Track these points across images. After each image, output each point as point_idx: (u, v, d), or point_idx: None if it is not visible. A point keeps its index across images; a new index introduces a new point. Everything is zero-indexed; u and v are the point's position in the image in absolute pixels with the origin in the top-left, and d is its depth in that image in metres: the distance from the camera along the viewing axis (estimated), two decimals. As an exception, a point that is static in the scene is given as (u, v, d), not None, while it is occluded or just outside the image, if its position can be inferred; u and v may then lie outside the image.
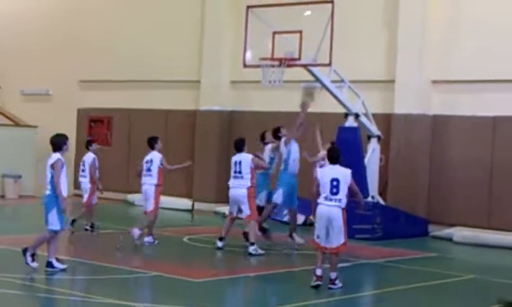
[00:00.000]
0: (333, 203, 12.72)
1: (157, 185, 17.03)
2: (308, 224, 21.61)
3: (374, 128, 20.74)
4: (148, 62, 26.87)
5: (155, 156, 17.31)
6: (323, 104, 22.58)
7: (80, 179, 18.52)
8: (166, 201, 24.72)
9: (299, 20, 19.65)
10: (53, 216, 13.19)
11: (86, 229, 18.17)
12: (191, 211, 24.86)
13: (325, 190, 12.76)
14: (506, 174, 20.69)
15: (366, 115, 20.63)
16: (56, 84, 29.12)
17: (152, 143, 17.60)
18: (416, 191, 21.68)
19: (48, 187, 13.25)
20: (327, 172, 13.01)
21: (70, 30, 28.85)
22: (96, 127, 28.08)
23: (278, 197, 17.26)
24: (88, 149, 18.60)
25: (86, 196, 18.27)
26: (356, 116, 20.12)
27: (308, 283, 13.49)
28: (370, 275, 15.74)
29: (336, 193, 12.74)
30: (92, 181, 18.21)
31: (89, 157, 18.34)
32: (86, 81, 28.52)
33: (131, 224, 20.36)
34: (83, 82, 28.64)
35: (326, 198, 12.76)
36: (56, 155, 13.20)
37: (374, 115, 20.97)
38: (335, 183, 12.77)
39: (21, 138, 27.50)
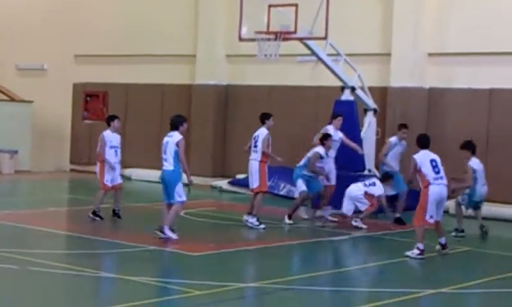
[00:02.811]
0: (441, 181, 13.74)
1: (260, 161, 16.55)
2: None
3: (370, 102, 20.74)
4: (144, 37, 26.79)
5: (262, 132, 16.79)
6: (319, 78, 22.61)
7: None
8: (163, 175, 24.81)
9: (294, -7, 19.62)
10: (180, 189, 14.24)
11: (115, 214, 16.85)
12: (187, 185, 24.85)
13: (429, 171, 13.67)
14: (502, 147, 20.72)
15: (362, 88, 20.62)
16: (51, 59, 29.02)
17: (262, 119, 17.01)
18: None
19: (172, 162, 14.20)
20: (423, 156, 13.86)
21: (65, 4, 28.73)
22: (92, 102, 28.01)
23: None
24: (108, 125, 17.03)
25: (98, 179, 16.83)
26: (352, 89, 20.09)
27: (307, 256, 13.56)
28: (368, 248, 15.80)
29: (439, 172, 13.73)
30: (99, 161, 16.73)
31: (104, 134, 16.81)
32: (81, 56, 28.43)
33: (128, 198, 20.44)
34: (78, 57, 28.55)
35: (434, 179, 13.66)
36: (178, 134, 14.33)
37: (370, 88, 20.96)
38: (434, 163, 13.75)
39: (16, 113, 27.45)
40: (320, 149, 17.17)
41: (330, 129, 18.04)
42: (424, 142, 14.17)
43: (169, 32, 26.35)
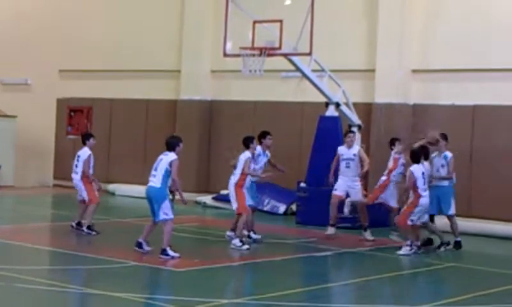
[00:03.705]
0: (428, 192, 15.74)
1: (236, 184, 16.08)
2: (290, 214, 21.70)
3: (354, 118, 20.78)
4: (128, 52, 26.76)
5: (243, 155, 16.23)
6: (304, 94, 22.65)
7: (72, 175, 17.12)
8: (147, 190, 24.74)
9: (279, 9, 19.67)
10: (166, 207, 14.23)
11: (72, 226, 16.94)
12: (171, 200, 24.74)
13: (421, 185, 15.58)
14: (486, 163, 20.80)
15: (347, 104, 20.67)
16: (35, 74, 28.94)
17: (247, 143, 16.40)
18: (396, 180, 21.72)
19: (160, 180, 14.21)
20: (418, 169, 15.67)
21: (49, 19, 28.66)
22: (76, 117, 27.94)
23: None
24: (84, 143, 17.16)
25: (84, 195, 16.85)
26: (337, 105, 20.15)
27: (290, 272, 13.50)
28: (353, 264, 15.79)
29: (425, 183, 15.70)
30: (84, 178, 16.87)
31: (84, 152, 16.98)
32: (65, 71, 28.34)
33: (113, 214, 20.40)
34: (63, 72, 28.46)
35: (424, 190, 15.63)
36: (173, 154, 14.30)
37: (354, 104, 21.00)
38: (423, 175, 15.66)
39: (0, 128, 27.31)
40: (247, 154, 16.25)
41: (342, 149, 17.81)
42: (418, 157, 15.80)
43: (154, 47, 26.34)
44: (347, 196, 17.91)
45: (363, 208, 17.71)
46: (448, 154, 16.98)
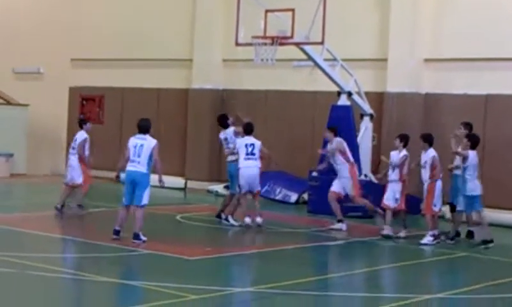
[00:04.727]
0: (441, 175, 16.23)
1: (260, 168, 16.87)
2: (301, 203, 21.71)
3: (366, 107, 20.76)
4: (140, 41, 26.76)
5: (257, 142, 16.94)
6: (316, 83, 22.62)
7: (70, 156, 18.03)
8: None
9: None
10: (147, 193, 14.43)
11: (56, 208, 17.70)
12: (183, 189, 24.88)
13: (439, 168, 16.02)
14: (498, 152, 20.73)
15: (358, 93, 20.65)
16: (48, 63, 28.99)
17: (250, 130, 17.08)
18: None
19: (145, 165, 14.36)
20: (436, 154, 16.08)
21: (61, 8, 28.71)
22: (88, 105, 28.01)
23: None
24: (81, 127, 18.18)
25: (76, 175, 17.75)
26: (349, 94, 20.13)
27: (301, 260, 13.49)
28: (364, 253, 15.80)
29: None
30: (81, 160, 17.77)
31: (81, 135, 17.92)
32: (77, 59, 28.39)
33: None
34: (75, 61, 28.51)
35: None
36: (152, 138, 14.54)
37: (366, 93, 20.99)
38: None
39: (12, 117, 27.40)
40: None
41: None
42: (432, 140, 16.24)
43: (166, 36, 26.34)
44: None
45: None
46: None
